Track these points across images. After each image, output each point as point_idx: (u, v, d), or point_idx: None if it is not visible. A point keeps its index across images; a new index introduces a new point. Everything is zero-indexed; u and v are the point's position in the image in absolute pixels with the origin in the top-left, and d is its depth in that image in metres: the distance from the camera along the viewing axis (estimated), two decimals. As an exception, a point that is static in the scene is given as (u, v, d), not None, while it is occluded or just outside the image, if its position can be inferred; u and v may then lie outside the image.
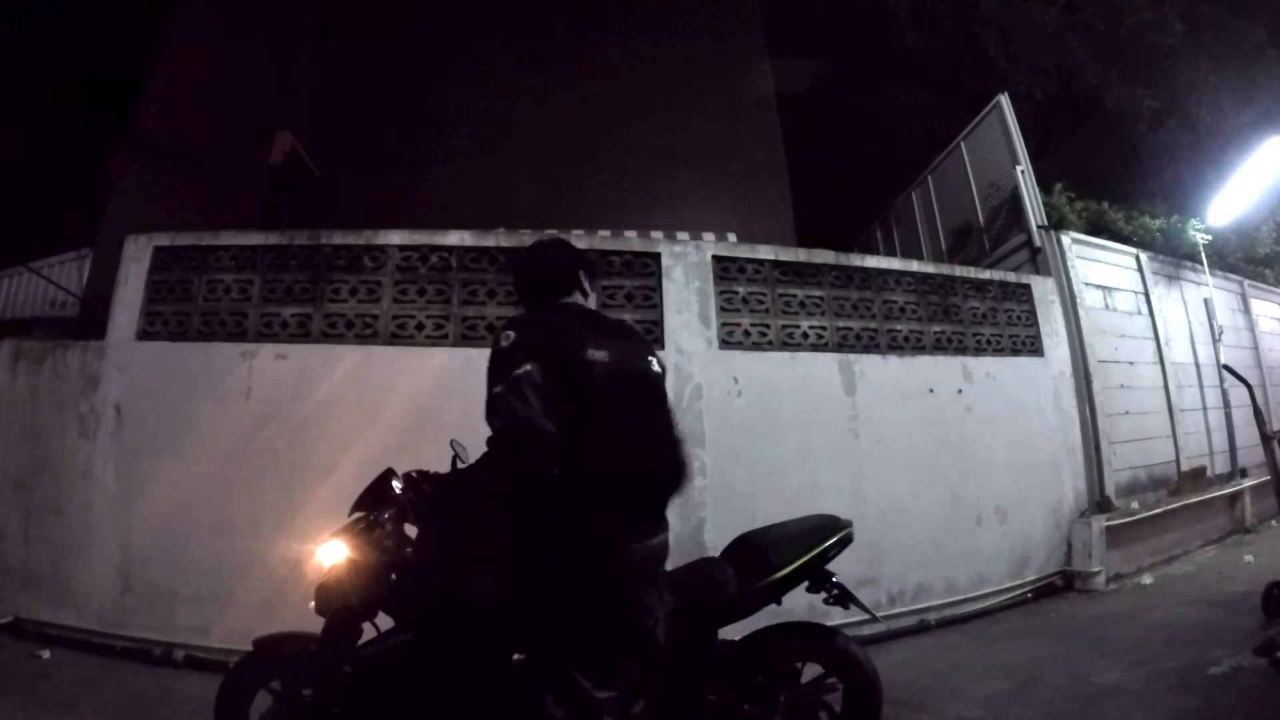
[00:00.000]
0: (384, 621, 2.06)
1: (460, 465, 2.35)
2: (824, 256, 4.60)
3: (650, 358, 1.87)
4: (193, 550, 3.56)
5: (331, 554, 2.01)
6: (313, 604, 2.01)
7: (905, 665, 3.47)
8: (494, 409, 1.55)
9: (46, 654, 3.36)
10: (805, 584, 2.13)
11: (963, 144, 6.70)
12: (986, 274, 5.18)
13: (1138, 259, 6.20)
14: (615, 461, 1.62)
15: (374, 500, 2.07)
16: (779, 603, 2.11)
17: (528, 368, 1.55)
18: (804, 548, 2.09)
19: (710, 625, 2.06)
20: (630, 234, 5.30)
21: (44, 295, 6.40)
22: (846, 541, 2.16)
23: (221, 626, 3.40)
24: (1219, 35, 8.74)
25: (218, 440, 3.70)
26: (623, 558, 1.61)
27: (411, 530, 2.10)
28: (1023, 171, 5.81)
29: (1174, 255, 6.66)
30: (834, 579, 2.14)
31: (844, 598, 2.12)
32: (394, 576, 2.01)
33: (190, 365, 3.81)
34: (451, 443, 2.37)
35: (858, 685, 2.12)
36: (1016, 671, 3.25)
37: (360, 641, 2.04)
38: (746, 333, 4.27)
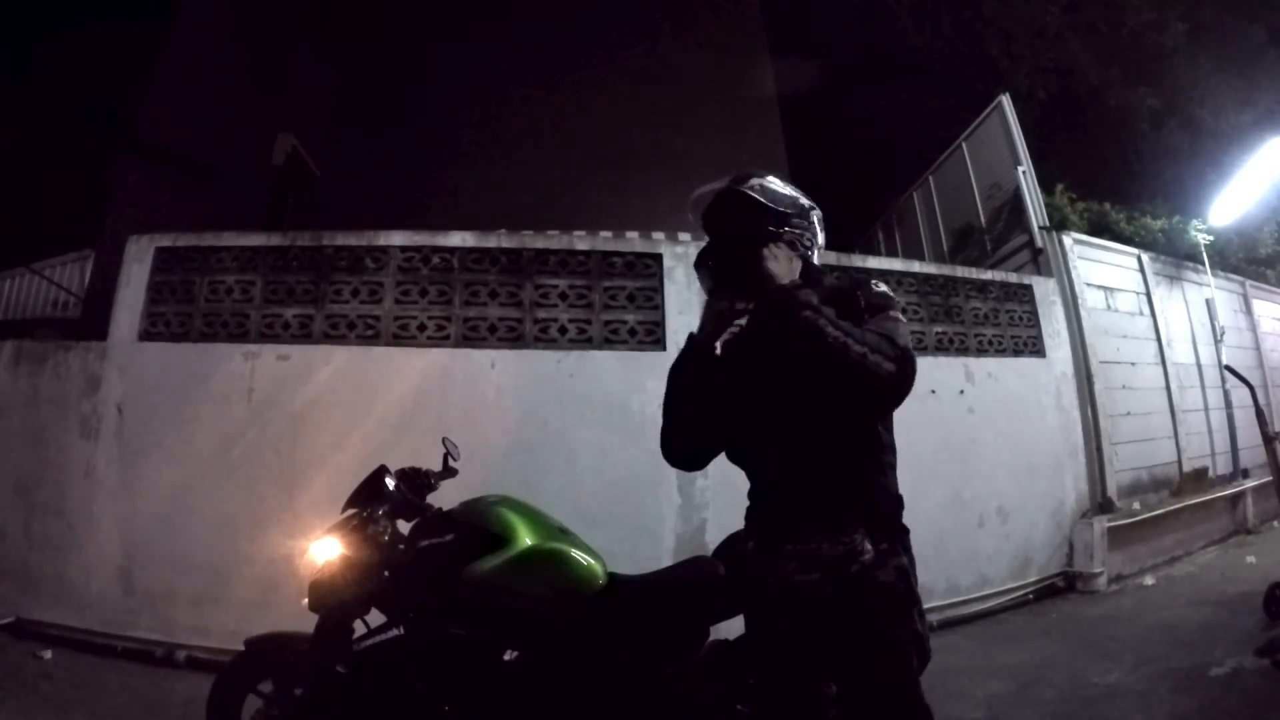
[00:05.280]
0: (375, 619, 2.06)
1: (452, 463, 2.35)
2: (825, 257, 4.59)
3: None
4: (194, 551, 3.56)
5: (325, 550, 2.02)
6: (305, 600, 2.01)
7: (907, 666, 3.46)
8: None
9: (48, 654, 3.36)
10: None
11: (964, 144, 6.69)
12: (988, 275, 5.18)
13: (1139, 259, 6.19)
14: None
15: (367, 497, 2.08)
16: None
17: None
18: None
19: (702, 622, 2.06)
20: (632, 234, 5.30)
21: (46, 296, 6.42)
22: None
23: (223, 627, 3.39)
24: (1220, 35, 8.72)
25: (220, 441, 3.70)
26: None
27: (404, 526, 2.10)
28: (1024, 172, 5.80)
29: (1176, 256, 6.65)
30: None
31: None
32: (386, 574, 2.02)
33: (192, 366, 3.81)
34: (444, 440, 2.37)
35: None
36: (1018, 672, 3.25)
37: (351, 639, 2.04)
38: (748, 333, 4.26)
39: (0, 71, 6.19)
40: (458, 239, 4.12)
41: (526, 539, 1.96)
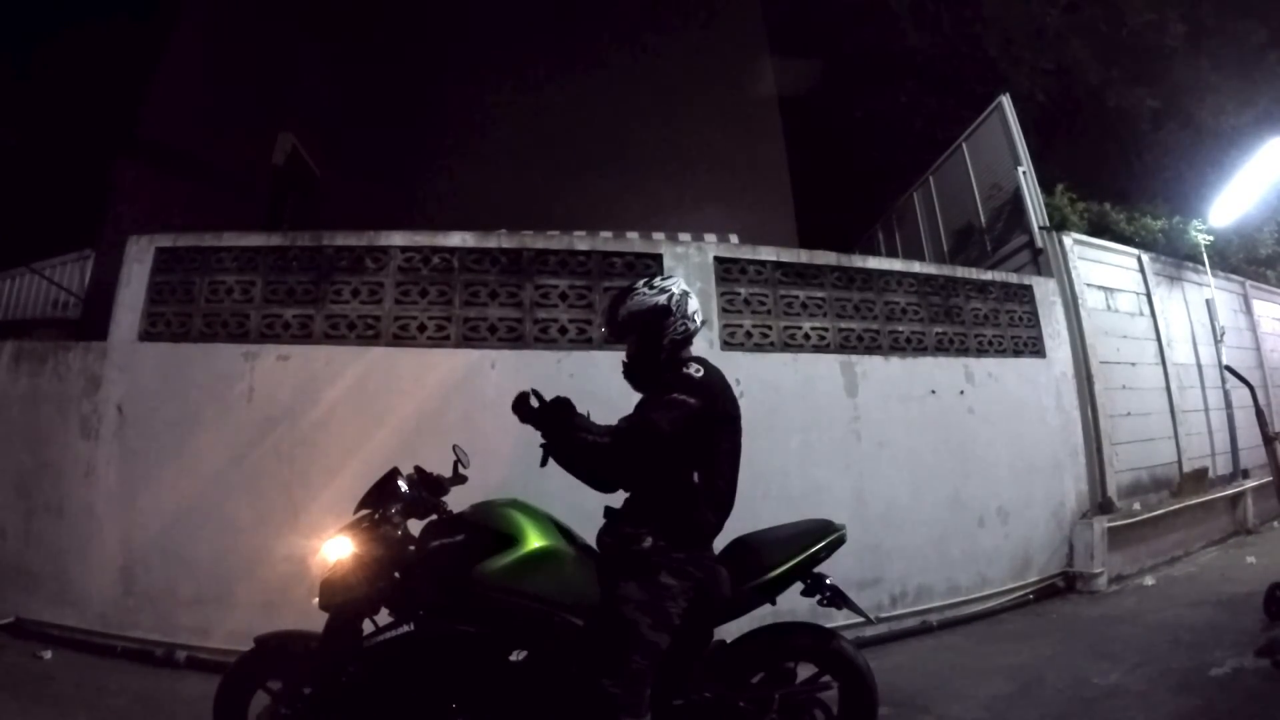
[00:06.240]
0: (384, 620, 2.06)
1: (462, 470, 2.36)
2: (826, 258, 4.60)
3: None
4: (195, 551, 3.57)
5: (337, 549, 2.03)
6: (316, 599, 2.02)
7: (907, 666, 3.47)
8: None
9: (48, 654, 3.37)
10: (801, 586, 2.15)
11: (964, 145, 6.69)
12: (988, 275, 5.18)
13: (1139, 260, 6.19)
14: None
15: (380, 498, 2.10)
16: (773, 603, 2.14)
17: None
18: (795, 550, 2.11)
19: (705, 623, 2.08)
20: (632, 235, 5.31)
21: (46, 296, 6.40)
22: (837, 544, 2.18)
23: (223, 627, 3.40)
24: (1220, 36, 8.72)
25: (220, 441, 3.70)
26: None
27: (415, 527, 2.11)
28: (1024, 172, 5.80)
29: (1176, 256, 6.65)
30: (828, 581, 2.15)
31: (837, 600, 2.13)
32: (396, 575, 2.03)
33: (192, 366, 3.81)
34: (454, 448, 2.39)
35: (852, 684, 2.14)
36: (1018, 673, 3.25)
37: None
38: (748, 334, 4.27)
39: (0, 71, 6.19)
40: (458, 239, 4.12)
41: (535, 540, 1.98)
